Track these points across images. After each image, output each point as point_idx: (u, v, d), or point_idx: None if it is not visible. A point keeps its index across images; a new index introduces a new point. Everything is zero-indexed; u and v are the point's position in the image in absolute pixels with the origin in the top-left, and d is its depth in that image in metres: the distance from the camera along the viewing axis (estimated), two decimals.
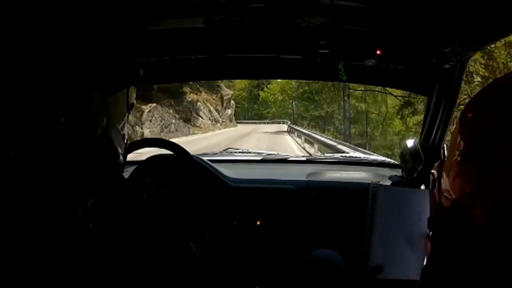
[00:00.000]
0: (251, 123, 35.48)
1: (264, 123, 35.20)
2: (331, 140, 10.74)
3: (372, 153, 6.39)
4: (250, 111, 42.99)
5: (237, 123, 32.43)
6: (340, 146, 8.54)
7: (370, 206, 0.70)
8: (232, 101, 29.64)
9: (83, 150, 0.49)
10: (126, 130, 0.59)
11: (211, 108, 23.79)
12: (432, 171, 0.54)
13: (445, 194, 0.50)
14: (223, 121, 25.14)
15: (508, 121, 0.42)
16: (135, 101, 0.65)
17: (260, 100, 38.82)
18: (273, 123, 33.14)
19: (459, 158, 0.46)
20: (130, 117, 0.62)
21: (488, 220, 0.42)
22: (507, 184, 0.40)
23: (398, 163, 1.71)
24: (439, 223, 0.51)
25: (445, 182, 0.50)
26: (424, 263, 0.62)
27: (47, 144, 0.46)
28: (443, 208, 0.50)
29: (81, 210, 0.53)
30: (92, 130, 0.50)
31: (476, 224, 0.43)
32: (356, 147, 9.03)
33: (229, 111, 27.25)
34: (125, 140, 0.59)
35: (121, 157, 0.57)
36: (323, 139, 11.06)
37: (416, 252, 0.67)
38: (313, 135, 12.45)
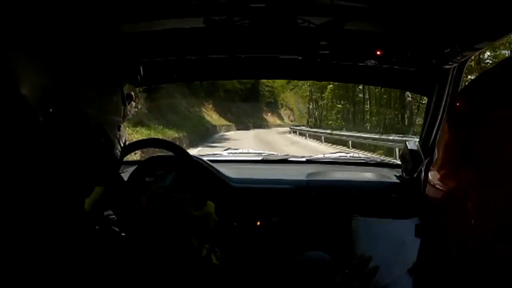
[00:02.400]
0: None
1: None
2: None
3: None
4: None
5: None
6: None
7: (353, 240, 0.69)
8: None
9: (77, 142, 0.49)
10: (124, 123, 0.59)
11: None
12: (427, 169, 0.54)
13: (437, 188, 0.49)
14: None
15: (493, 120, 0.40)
16: (133, 93, 0.65)
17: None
18: None
19: (447, 155, 0.46)
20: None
21: (479, 218, 0.42)
22: (497, 182, 0.40)
23: (398, 163, 1.71)
24: (430, 220, 0.50)
25: (435, 179, 0.49)
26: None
27: (38, 137, 0.45)
28: (434, 205, 0.50)
29: (81, 206, 0.52)
30: (85, 123, 0.49)
31: (467, 222, 0.42)
32: None
33: None
34: (122, 132, 0.59)
35: (117, 148, 0.57)
36: None
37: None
38: None
